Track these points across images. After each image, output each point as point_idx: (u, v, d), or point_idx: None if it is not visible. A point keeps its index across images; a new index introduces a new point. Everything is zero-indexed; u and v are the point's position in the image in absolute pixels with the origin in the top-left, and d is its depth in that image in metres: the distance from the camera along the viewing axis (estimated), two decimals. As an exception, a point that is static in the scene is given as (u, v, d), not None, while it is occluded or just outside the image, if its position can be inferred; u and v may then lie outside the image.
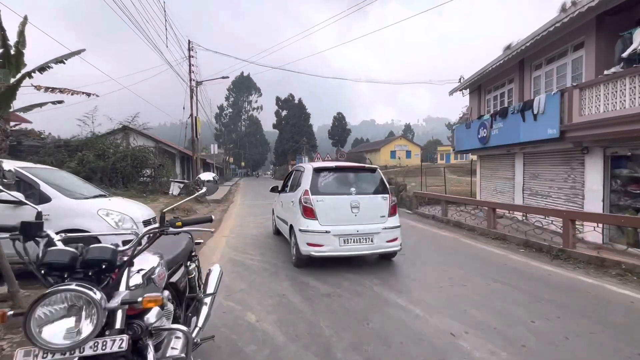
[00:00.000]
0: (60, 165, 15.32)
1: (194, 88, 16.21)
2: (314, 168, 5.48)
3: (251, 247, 6.70)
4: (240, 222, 10.40)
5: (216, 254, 6.13)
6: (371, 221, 5.16)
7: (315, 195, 5.16)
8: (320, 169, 5.50)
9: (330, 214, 5.09)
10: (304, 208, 5.13)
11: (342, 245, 4.98)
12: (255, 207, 14.58)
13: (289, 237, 5.79)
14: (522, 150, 10.89)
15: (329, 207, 5.11)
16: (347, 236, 5.01)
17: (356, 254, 5.11)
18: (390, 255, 5.57)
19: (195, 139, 16.87)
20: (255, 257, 5.85)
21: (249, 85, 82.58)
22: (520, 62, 11.35)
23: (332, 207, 5.12)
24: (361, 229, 5.06)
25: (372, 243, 5.09)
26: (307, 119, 62.40)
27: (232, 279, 4.66)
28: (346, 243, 5.00)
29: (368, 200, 5.24)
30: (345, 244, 5.00)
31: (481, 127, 12.46)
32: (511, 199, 11.65)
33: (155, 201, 14.12)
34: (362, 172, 5.67)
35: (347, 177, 5.54)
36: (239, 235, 8.05)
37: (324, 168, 5.55)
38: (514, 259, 5.69)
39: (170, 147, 24.82)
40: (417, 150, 62.78)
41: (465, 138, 14.07)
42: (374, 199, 5.31)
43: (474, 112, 15.34)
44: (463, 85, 15.35)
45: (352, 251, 5.04)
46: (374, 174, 5.67)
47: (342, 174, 5.58)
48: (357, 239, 5.05)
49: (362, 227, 5.08)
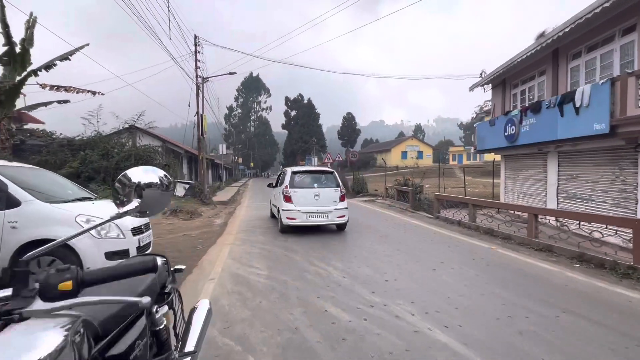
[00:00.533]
0: (62, 164, 14.83)
1: (199, 85, 15.52)
2: (292, 171, 8.47)
3: (258, 258, 5.88)
4: (246, 226, 9.61)
5: (216, 267, 5.32)
6: (327, 204, 8.04)
7: (292, 188, 8.04)
8: (296, 172, 8.48)
9: (301, 200, 7.94)
10: (284, 196, 8.04)
11: (308, 219, 7.91)
12: (263, 210, 13.79)
13: (277, 214, 8.64)
14: (557, 149, 9.82)
15: (300, 196, 7.97)
16: (311, 213, 7.91)
17: (317, 224, 8.09)
18: (342, 226, 8.52)
19: (202, 138, 16.18)
20: (262, 272, 5.01)
21: (258, 85, 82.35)
22: (553, 52, 10.29)
23: (302, 196, 7.98)
24: (320, 209, 7.97)
25: (327, 218, 8.04)
26: (317, 119, 61.59)
27: (233, 303, 3.82)
28: (310, 217, 7.94)
29: (325, 191, 8.13)
30: (310, 218, 7.93)
31: (508, 124, 11.42)
32: (542, 202, 10.58)
33: (158, 203, 13.45)
34: (323, 174, 8.62)
35: (313, 177, 8.43)
36: (244, 243, 7.24)
37: (299, 171, 8.56)
38: (574, 278, 4.71)
39: (177, 147, 24.27)
40: (429, 151, 61.40)
41: (489, 136, 13.03)
42: (329, 191, 8.16)
43: (498, 108, 14.28)
44: (485, 80, 14.29)
45: (314, 223, 8.00)
46: (332, 175, 8.65)
47: (311, 174, 8.49)
48: (318, 215, 7.97)
49: (321, 207, 7.98)
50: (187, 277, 4.88)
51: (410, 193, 13.03)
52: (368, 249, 6.49)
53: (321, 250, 6.48)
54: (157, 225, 9.71)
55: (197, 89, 15.43)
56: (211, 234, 8.50)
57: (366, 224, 9.77)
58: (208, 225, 10.12)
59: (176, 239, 8.00)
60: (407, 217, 10.96)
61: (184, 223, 10.28)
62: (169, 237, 8.18)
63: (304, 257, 5.93)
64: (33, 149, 16.34)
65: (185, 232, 8.89)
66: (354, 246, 6.80)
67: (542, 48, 9.86)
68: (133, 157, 15.81)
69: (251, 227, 9.55)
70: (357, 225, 9.42)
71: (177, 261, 5.87)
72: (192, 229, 9.31)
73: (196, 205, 13.72)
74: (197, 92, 15.41)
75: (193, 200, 14.96)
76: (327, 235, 8.03)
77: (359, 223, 9.85)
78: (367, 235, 7.93)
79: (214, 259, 5.87)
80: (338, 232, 8.44)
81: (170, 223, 10.13)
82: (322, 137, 60.38)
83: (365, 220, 10.39)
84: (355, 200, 16.96)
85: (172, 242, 7.52)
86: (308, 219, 7.90)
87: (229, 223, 10.43)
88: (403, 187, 14.09)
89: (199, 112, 15.60)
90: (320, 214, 7.97)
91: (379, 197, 17.67)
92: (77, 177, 14.85)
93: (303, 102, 63.03)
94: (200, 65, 15.63)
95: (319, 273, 4.96)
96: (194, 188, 15.98)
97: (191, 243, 7.48)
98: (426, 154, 59.66)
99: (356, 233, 8.30)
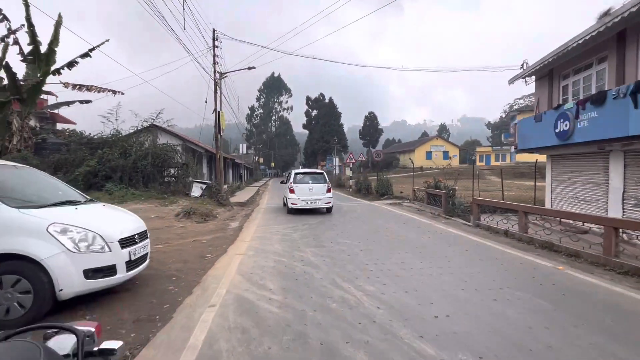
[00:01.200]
0: (81, 163, 14.58)
1: (217, 81, 14.87)
2: (295, 172, 12.82)
3: (271, 275, 4.94)
4: (262, 232, 8.74)
5: (221, 287, 4.41)
6: (317, 195, 11.89)
7: (295, 184, 12.01)
8: (297, 173, 12.72)
9: (300, 192, 11.84)
10: (290, 189, 12.01)
11: (305, 204, 11.77)
12: (282, 214, 12.92)
13: (286, 202, 12.72)
14: (623, 147, 8.33)
15: (299, 189, 11.86)
16: (307, 201, 11.77)
17: (312, 208, 11.86)
18: (329, 209, 12.30)
19: (219, 136, 15.53)
20: (275, 297, 4.06)
21: (280, 86, 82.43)
22: (619, 34, 8.78)
23: (301, 189, 11.87)
24: (313, 197, 11.81)
25: (318, 204, 11.84)
26: (338, 118, 60.43)
27: (232, 348, 2.87)
28: (307, 203, 11.79)
29: (317, 186, 12.01)
30: (306, 204, 11.78)
31: (560, 120, 9.94)
32: (603, 210, 9.09)
33: (173, 203, 12.86)
34: (315, 174, 12.90)
35: (309, 176, 12.63)
36: (257, 254, 6.33)
37: (299, 172, 12.85)
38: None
39: (197, 146, 23.93)
40: (455, 151, 58.91)
41: (534, 134, 11.55)
42: (319, 186, 12.04)
43: (543, 102, 12.73)
44: (528, 72, 12.77)
45: (309, 207, 11.80)
46: (321, 175, 12.81)
47: (307, 175, 12.70)
48: (312, 202, 11.83)
49: (313, 197, 11.83)
50: (185, 300, 4.00)
51: (443, 196, 11.76)
52: (404, 266, 5.41)
53: (346, 265, 5.47)
54: (168, 229, 9.02)
55: (215, 85, 14.79)
56: (223, 241, 7.68)
57: (397, 231, 8.66)
58: (222, 229, 9.33)
59: (185, 245, 7.22)
60: (441, 225, 9.74)
61: (196, 227, 9.54)
62: (177, 243, 7.41)
63: (326, 274, 4.94)
64: (54, 148, 16.28)
65: (196, 237, 8.12)
66: (386, 260, 5.74)
67: (606, 29, 8.39)
68: (150, 156, 15.40)
69: (267, 233, 8.66)
70: (387, 233, 8.32)
71: (178, 274, 5.04)
72: (204, 234, 8.54)
73: (212, 207, 13.03)
74: (215, 88, 14.76)
75: (209, 201, 14.31)
76: (353, 243, 7.00)
77: (389, 230, 8.74)
78: (400, 247, 6.84)
79: (220, 274, 4.98)
80: (365, 241, 7.39)
81: (182, 226, 9.42)
82: (343, 136, 59.10)
83: (396, 228, 9.27)
84: (380, 203, 15.80)
85: (179, 250, 6.73)
86: (305, 204, 12.00)
87: (244, 227, 9.61)
88: (434, 190, 12.81)
89: (216, 109, 14.95)
90: (313, 201, 12.03)
91: (405, 200, 16.41)
92: (95, 176, 14.58)
93: (324, 102, 62.05)
94: (218, 61, 14.98)
95: (346, 300, 3.96)
96: (211, 188, 15.35)
97: (200, 251, 6.66)
98: (452, 154, 57.21)
99: (386, 242, 7.21)
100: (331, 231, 8.70)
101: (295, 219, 11.13)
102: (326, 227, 9.41)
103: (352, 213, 12.36)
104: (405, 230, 8.87)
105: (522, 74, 13.19)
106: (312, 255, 6.09)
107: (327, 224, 9.87)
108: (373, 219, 10.98)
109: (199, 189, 15.06)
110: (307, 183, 12.18)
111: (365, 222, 10.34)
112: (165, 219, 10.22)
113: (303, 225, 9.70)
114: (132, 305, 3.88)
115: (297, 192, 11.92)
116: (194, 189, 15.02)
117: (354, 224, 9.82)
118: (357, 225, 9.70)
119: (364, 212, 12.76)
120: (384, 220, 10.58)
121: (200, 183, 15.32)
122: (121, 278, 3.94)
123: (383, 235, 8.05)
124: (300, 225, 9.81)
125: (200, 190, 14.99)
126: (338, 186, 30.99)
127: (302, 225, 9.81)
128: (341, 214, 12.26)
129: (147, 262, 4.66)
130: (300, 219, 11.10)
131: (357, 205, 15.32)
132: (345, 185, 28.76)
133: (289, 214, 11.96)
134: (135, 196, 13.70)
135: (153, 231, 8.63)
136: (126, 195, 13.59)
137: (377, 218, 11.11)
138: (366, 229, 8.93)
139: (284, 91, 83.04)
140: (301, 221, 10.56)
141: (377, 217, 11.42)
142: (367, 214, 12.25)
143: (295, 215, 11.90)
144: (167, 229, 8.90)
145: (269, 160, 78.68)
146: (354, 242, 7.25)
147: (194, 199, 14.32)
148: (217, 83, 14.86)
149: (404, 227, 9.28)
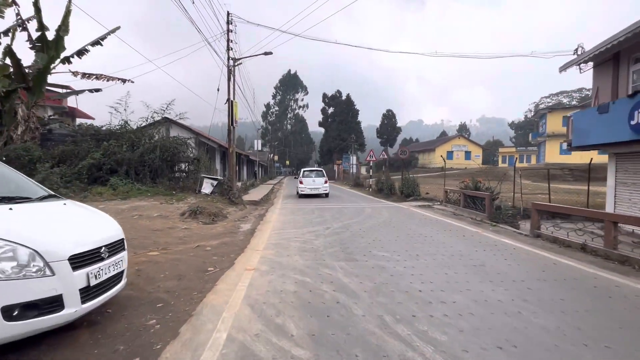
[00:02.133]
0: (86, 155, 13.64)
1: (231, 68, 13.64)
2: (303, 170, 20.15)
3: (293, 309, 3.54)
4: (277, 238, 7.40)
5: (220, 327, 3.05)
6: (318, 185, 18.55)
7: (302, 177, 19.08)
8: (305, 170, 19.99)
9: (306, 183, 18.63)
10: (300, 181, 18.97)
11: (310, 191, 18.43)
12: (300, 214, 11.55)
13: (297, 190, 19.50)
14: None
15: (306, 181, 18.69)
16: (311, 189, 18.47)
17: (314, 193, 18.42)
18: (326, 195, 18.60)
19: (232, 128, 14.30)
20: (301, 354, 2.66)
21: (295, 83, 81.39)
22: None
23: (307, 181, 18.67)
24: (315, 186, 18.49)
25: (319, 190, 18.44)
26: (355, 116, 58.71)
27: None
28: (311, 190, 18.45)
29: (318, 179, 18.80)
30: (311, 190, 18.44)
31: (636, 110, 8.20)
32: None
33: (181, 201, 11.69)
34: (317, 171, 20.04)
35: (312, 172, 19.79)
36: (272, 270, 4.97)
37: (306, 170, 20.05)
38: None
39: (211, 141, 22.89)
40: (478, 151, 56.30)
41: (595, 128, 9.79)
42: (319, 179, 18.78)
43: (605, 91, 10.90)
44: (586, 56, 10.95)
45: (313, 192, 18.43)
46: (321, 171, 20.02)
47: (312, 171, 19.82)
48: (315, 189, 18.46)
49: (316, 186, 18.50)
50: (165, 351, 2.67)
51: (487, 199, 10.12)
52: (472, 296, 3.94)
53: (394, 293, 4.03)
54: (169, 230, 7.79)
55: (229, 72, 13.56)
56: (231, 248, 6.37)
57: (439, 241, 7.14)
58: (231, 232, 8.05)
59: (185, 252, 5.94)
60: (490, 233, 8.15)
61: (202, 229, 8.29)
62: (177, 249, 6.14)
63: (369, 308, 3.53)
64: (60, 139, 15.44)
65: (200, 242, 6.85)
66: (445, 286, 4.27)
67: None
68: (159, 149, 14.34)
69: (284, 239, 7.31)
70: (428, 243, 6.79)
71: (168, 299, 3.73)
72: (211, 238, 7.26)
73: (222, 205, 11.81)
74: (228, 75, 13.54)
75: (220, 199, 13.11)
76: (392, 257, 5.55)
77: (429, 239, 7.22)
78: (452, 264, 5.34)
79: (222, 303, 3.63)
80: (405, 254, 5.90)
81: (187, 228, 8.19)
82: (360, 134, 57.31)
83: (437, 236, 7.75)
84: (407, 205, 14.23)
85: (177, 260, 5.44)
86: (310, 191, 18.14)
87: (257, 231, 8.30)
88: (474, 192, 11.18)
89: (230, 99, 13.73)
90: (315, 188, 18.17)
91: (435, 202, 14.78)
92: (99, 169, 13.61)
93: (341, 99, 60.37)
94: (232, 47, 13.75)
95: (410, 360, 2.54)
96: (223, 185, 14.15)
97: (201, 262, 5.36)
98: (474, 154, 54.62)
99: (430, 257, 5.71)
100: (360, 239, 7.26)
101: (315, 221, 9.75)
102: (352, 233, 7.98)
103: (379, 217, 10.87)
104: (449, 239, 7.34)
105: (577, 59, 11.36)
106: (344, 275, 4.66)
107: (353, 229, 8.44)
108: (405, 224, 9.47)
109: (210, 185, 13.89)
110: (310, 177, 18.74)
111: (396, 227, 8.85)
112: (168, 218, 9.02)
113: (326, 230, 8.30)
114: (85, 355, 2.58)
115: (304, 183, 18.41)
116: (205, 186, 13.85)
117: (384, 230, 8.36)
118: (388, 231, 8.23)
119: (393, 215, 11.24)
120: (418, 226, 9.06)
121: (211, 179, 14.14)
122: (71, 315, 2.64)
123: (424, 246, 6.56)
124: (321, 229, 8.42)
125: (211, 187, 13.81)
126: (356, 185, 29.40)
127: (325, 229, 8.41)
128: (366, 217, 10.79)
129: (122, 283, 3.36)
130: (321, 221, 9.71)
131: (381, 207, 13.81)
132: (364, 185, 27.19)
133: (307, 214, 11.68)
134: (141, 192, 12.63)
135: (152, 233, 7.38)
136: (131, 190, 12.53)
137: (409, 223, 9.59)
138: (402, 238, 7.45)
139: (299, 89, 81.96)
140: (322, 224, 9.17)
141: (408, 222, 9.89)
142: (397, 218, 10.73)
143: (315, 217, 10.52)
144: (168, 231, 7.68)
145: (284, 159, 77.76)
146: (392, 256, 5.78)
147: (204, 196, 13.15)
148: (231, 70, 13.62)
149: (446, 236, 7.74)
